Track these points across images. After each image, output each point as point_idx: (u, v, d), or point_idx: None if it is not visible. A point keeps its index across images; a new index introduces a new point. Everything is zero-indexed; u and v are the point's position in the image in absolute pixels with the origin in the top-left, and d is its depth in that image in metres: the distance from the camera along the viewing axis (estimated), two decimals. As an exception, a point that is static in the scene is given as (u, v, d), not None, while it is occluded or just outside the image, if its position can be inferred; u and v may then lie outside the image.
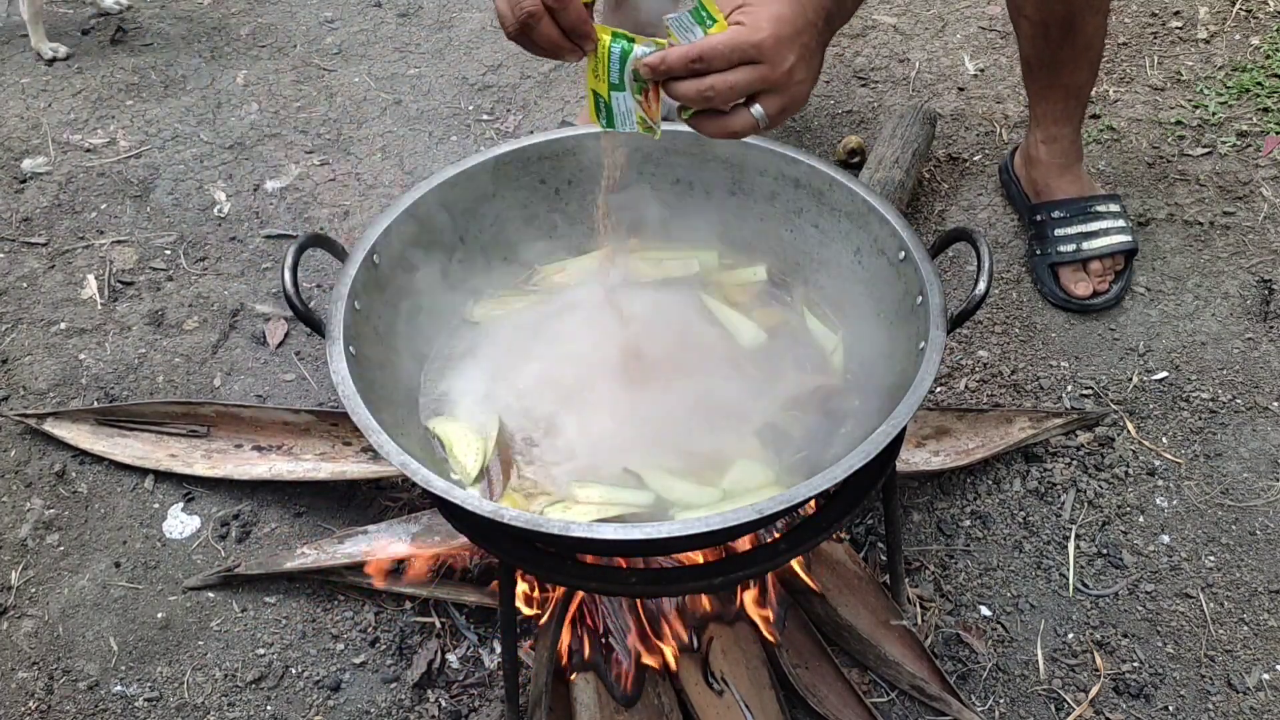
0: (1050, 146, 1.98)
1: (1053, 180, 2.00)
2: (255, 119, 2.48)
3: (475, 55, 2.64)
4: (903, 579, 1.53)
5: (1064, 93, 1.90)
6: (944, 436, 1.71)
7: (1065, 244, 1.95)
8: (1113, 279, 1.96)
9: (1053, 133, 1.96)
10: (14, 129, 2.45)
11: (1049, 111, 1.94)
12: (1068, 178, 2.00)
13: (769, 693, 1.41)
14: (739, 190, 1.41)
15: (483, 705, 1.47)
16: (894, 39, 2.62)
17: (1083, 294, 1.94)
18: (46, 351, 1.97)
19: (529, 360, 1.34)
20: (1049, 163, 2.00)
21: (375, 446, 1.05)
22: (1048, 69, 1.87)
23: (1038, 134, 1.99)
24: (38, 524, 1.71)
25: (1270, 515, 1.66)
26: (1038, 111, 1.97)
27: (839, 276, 1.36)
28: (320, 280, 2.08)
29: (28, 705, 1.50)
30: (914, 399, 1.06)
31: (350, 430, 1.71)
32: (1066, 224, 1.96)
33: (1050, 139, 1.97)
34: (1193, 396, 1.82)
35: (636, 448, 1.23)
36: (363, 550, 1.57)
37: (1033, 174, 2.04)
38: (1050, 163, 2.00)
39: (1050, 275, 1.97)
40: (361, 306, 1.22)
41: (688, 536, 1.00)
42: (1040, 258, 1.99)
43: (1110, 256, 1.95)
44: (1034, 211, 2.02)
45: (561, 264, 1.46)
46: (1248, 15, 2.60)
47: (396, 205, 1.30)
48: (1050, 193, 2.01)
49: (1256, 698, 1.47)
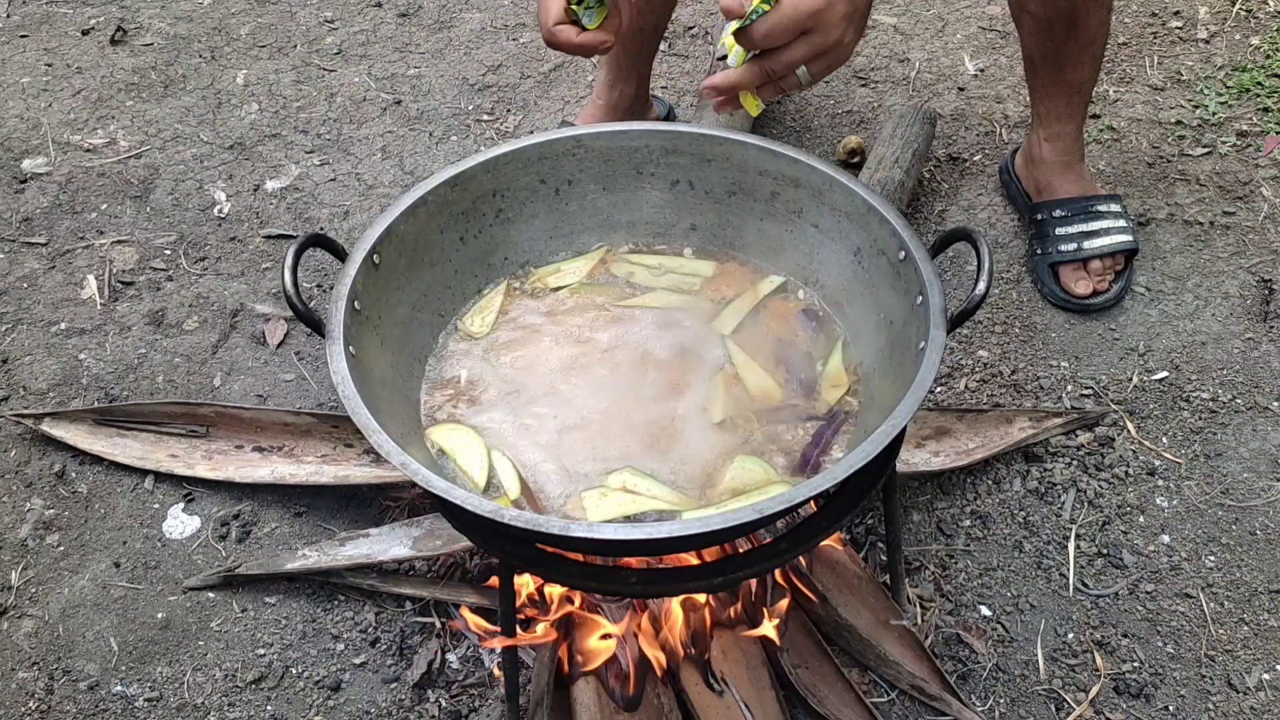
0: (1053, 144, 1.98)
1: (1054, 179, 2.00)
2: (255, 119, 2.48)
3: (475, 55, 2.64)
4: (903, 579, 1.53)
5: (1067, 90, 1.90)
6: (944, 436, 1.71)
7: (1066, 243, 1.95)
8: (1113, 278, 1.96)
9: (1055, 130, 1.97)
10: (14, 129, 2.45)
11: (1052, 109, 1.94)
12: (1070, 177, 2.00)
13: (769, 693, 1.41)
14: (739, 190, 1.41)
15: (483, 705, 1.47)
16: (894, 39, 2.62)
17: (1083, 293, 1.94)
18: (46, 351, 1.97)
19: (530, 365, 1.33)
20: (1051, 161, 2.00)
21: (375, 447, 1.05)
22: (1051, 66, 1.87)
23: (1040, 132, 1.99)
24: (38, 524, 1.71)
25: (1270, 515, 1.66)
26: (1040, 109, 1.97)
27: (839, 276, 1.36)
28: (320, 280, 2.08)
29: (28, 705, 1.50)
30: (914, 399, 1.06)
31: (352, 432, 1.71)
32: (1067, 223, 1.96)
33: (1053, 137, 1.97)
34: (1193, 396, 1.82)
35: (638, 450, 1.23)
36: (364, 553, 1.57)
37: (1034, 173, 2.04)
38: (1053, 161, 2.00)
39: (1050, 274, 1.97)
40: (361, 306, 1.22)
41: (688, 536, 1.00)
42: (1041, 257, 1.99)
43: (1110, 256, 1.95)
44: (1035, 210, 2.02)
45: (560, 265, 1.46)
46: (1248, 15, 2.60)
47: (396, 205, 1.30)
48: (1052, 191, 2.01)
49: (1256, 698, 1.47)
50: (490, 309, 1.40)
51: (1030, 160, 2.05)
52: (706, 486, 1.20)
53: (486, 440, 1.25)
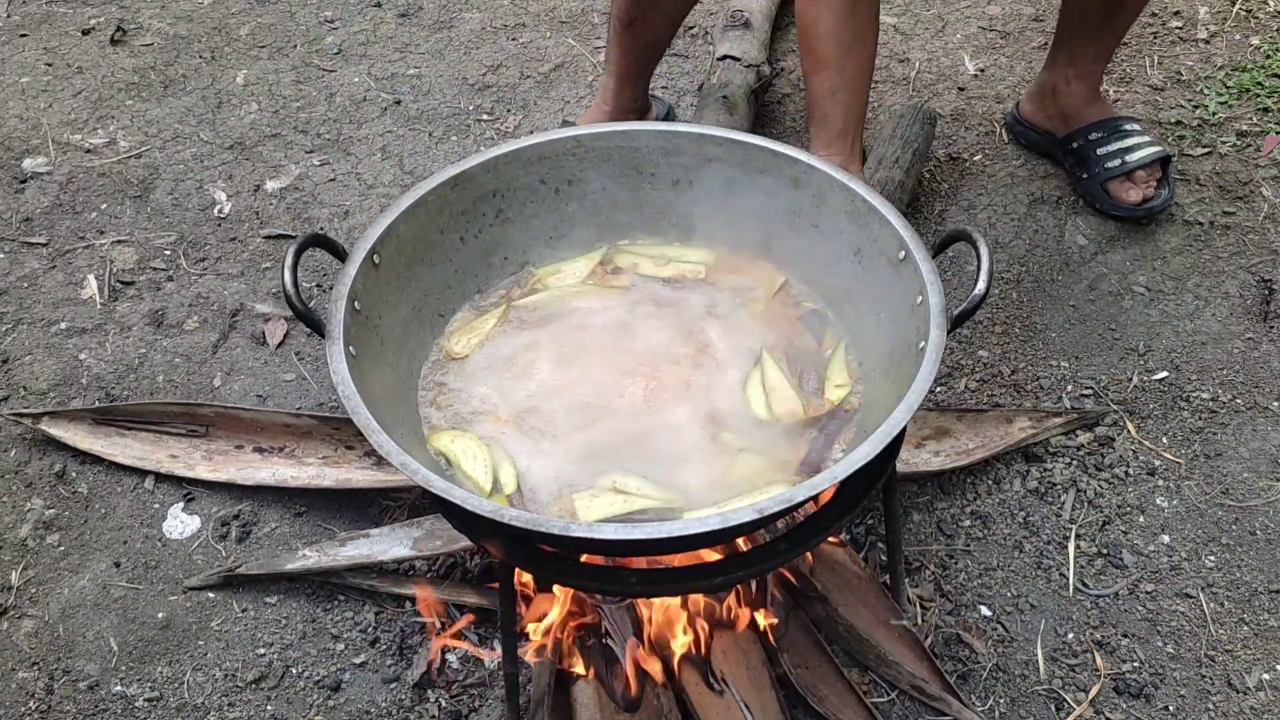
0: (1083, 82, 2.11)
1: (1083, 109, 2.13)
2: (255, 119, 2.48)
3: (475, 55, 2.64)
4: (903, 579, 1.53)
5: (1113, 35, 2.03)
6: (944, 436, 1.71)
7: (1111, 160, 2.08)
8: (1156, 184, 2.08)
9: (1087, 69, 2.10)
10: (14, 129, 2.45)
11: (1088, 52, 2.07)
12: (1096, 105, 2.13)
13: (769, 693, 1.41)
14: (739, 190, 1.41)
15: (483, 705, 1.47)
16: (894, 39, 2.62)
17: (1137, 200, 2.07)
18: (47, 351, 1.97)
19: (530, 368, 1.33)
20: (1079, 95, 2.12)
21: (375, 447, 1.05)
22: (1099, 15, 1.98)
23: (1069, 71, 2.11)
24: (38, 524, 1.71)
25: (1270, 515, 1.66)
26: (1075, 52, 2.08)
27: (839, 276, 1.36)
28: (320, 280, 2.08)
29: (28, 705, 1.50)
30: (914, 399, 1.06)
31: (353, 434, 1.71)
32: (1106, 142, 2.09)
33: (1084, 75, 2.11)
34: (1193, 396, 1.82)
35: (639, 451, 1.23)
36: (364, 553, 1.57)
37: (1059, 107, 2.15)
38: (1080, 95, 2.12)
39: (1102, 192, 2.10)
40: (361, 306, 1.22)
41: (688, 536, 1.00)
42: (1089, 179, 2.11)
43: (1150, 165, 2.07)
44: (1070, 140, 2.15)
45: (560, 266, 1.46)
46: (1248, 15, 2.60)
47: (396, 205, 1.30)
48: (1081, 120, 2.13)
49: (1256, 698, 1.47)
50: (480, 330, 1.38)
51: (1050, 97, 2.17)
52: (705, 486, 1.20)
53: (486, 442, 1.25)
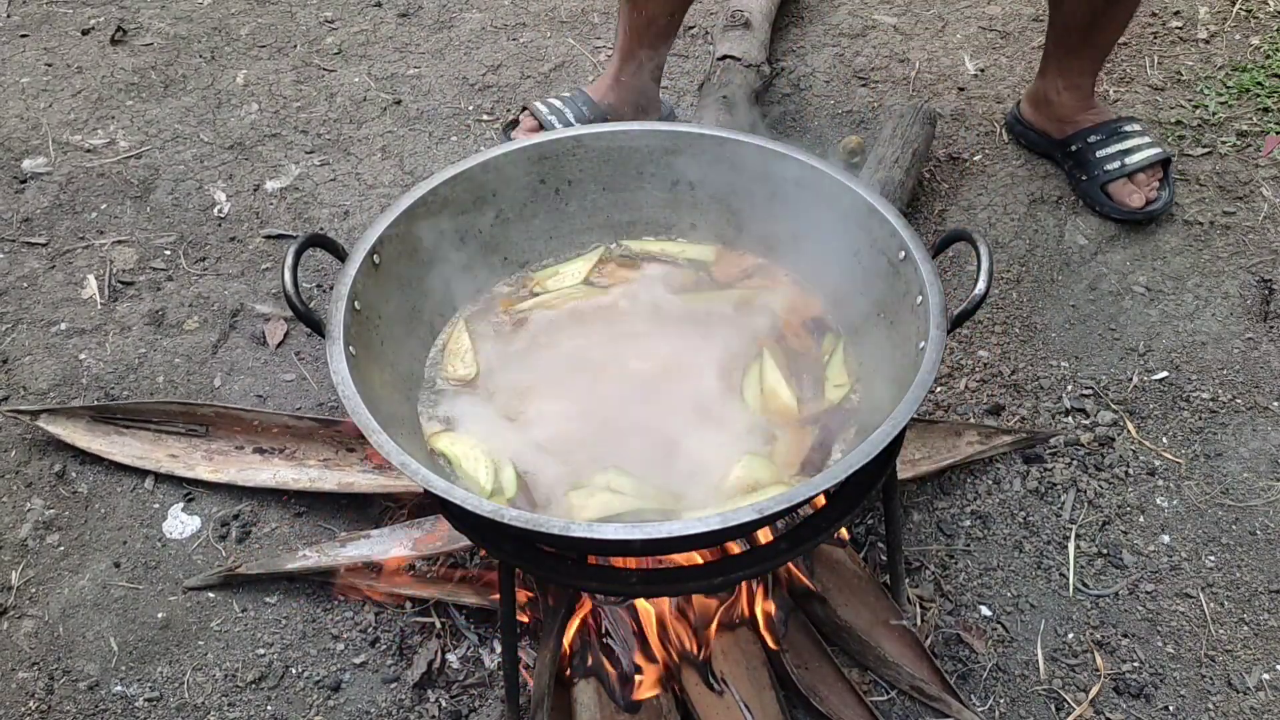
0: (1073, 93, 2.11)
1: (1076, 116, 2.13)
2: (255, 119, 2.48)
3: (475, 55, 2.64)
4: (903, 579, 1.53)
5: (1095, 50, 2.03)
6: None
7: (1110, 162, 2.07)
8: (1157, 186, 2.07)
9: (1076, 81, 2.10)
10: (14, 129, 2.45)
11: (1075, 65, 2.07)
12: (1089, 110, 2.13)
13: (769, 693, 1.41)
14: (739, 190, 1.41)
15: (483, 705, 1.47)
16: (894, 39, 2.62)
17: (1138, 204, 2.05)
18: (47, 351, 1.97)
19: (530, 369, 1.33)
20: (1070, 104, 2.13)
21: (376, 447, 1.05)
22: (1083, 30, 1.98)
23: (1059, 82, 2.11)
24: (38, 524, 1.71)
25: (1270, 515, 1.66)
26: (1064, 65, 2.08)
27: (839, 276, 1.36)
28: (320, 280, 2.08)
29: (28, 705, 1.50)
30: (914, 399, 1.06)
31: (354, 436, 1.71)
32: (1105, 145, 2.09)
33: (1073, 87, 2.10)
34: (1193, 396, 1.82)
35: (639, 451, 1.23)
36: (364, 554, 1.57)
37: (1056, 111, 2.15)
38: (1071, 104, 2.13)
39: (1102, 194, 2.08)
40: (361, 306, 1.22)
41: (688, 536, 1.00)
42: (1088, 182, 2.10)
43: (1150, 167, 2.06)
44: (1068, 143, 2.14)
45: (560, 266, 1.46)
46: (1248, 15, 2.60)
47: (396, 205, 1.30)
48: (1076, 124, 2.13)
49: (1256, 698, 1.47)
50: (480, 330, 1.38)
51: (1044, 104, 2.16)
52: (705, 486, 1.20)
53: (485, 443, 1.25)
